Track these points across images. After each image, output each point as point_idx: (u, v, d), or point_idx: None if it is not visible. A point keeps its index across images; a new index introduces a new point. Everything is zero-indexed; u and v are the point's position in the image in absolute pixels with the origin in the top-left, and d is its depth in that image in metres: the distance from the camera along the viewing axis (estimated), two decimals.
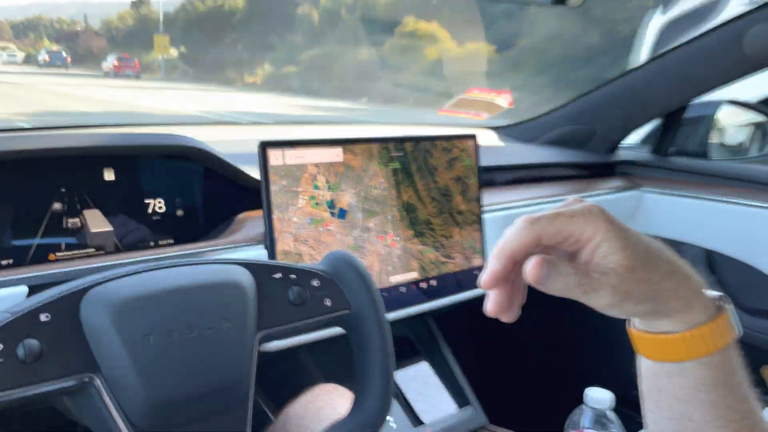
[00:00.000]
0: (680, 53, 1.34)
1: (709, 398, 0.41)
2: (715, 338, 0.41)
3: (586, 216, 0.40)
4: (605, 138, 1.53)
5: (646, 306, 0.40)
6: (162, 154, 0.84)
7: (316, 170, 0.89)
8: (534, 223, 0.40)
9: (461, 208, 1.07)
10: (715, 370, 0.41)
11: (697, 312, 0.41)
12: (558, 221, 0.40)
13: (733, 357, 0.42)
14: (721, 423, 0.41)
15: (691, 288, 0.41)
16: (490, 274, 0.41)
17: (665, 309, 0.41)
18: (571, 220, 0.40)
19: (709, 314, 0.41)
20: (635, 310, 0.41)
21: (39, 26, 38.53)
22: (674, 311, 0.41)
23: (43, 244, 0.75)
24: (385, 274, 0.96)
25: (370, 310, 0.57)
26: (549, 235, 0.40)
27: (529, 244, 0.40)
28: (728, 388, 0.41)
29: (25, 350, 0.43)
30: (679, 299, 0.40)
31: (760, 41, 1.19)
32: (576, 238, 0.40)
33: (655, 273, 0.39)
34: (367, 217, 0.95)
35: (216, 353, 0.50)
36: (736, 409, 0.41)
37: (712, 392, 0.41)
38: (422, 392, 1.09)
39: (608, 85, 1.49)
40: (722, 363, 0.41)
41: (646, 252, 0.40)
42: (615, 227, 0.40)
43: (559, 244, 0.41)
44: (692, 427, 0.42)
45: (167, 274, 0.51)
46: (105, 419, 0.48)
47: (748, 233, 1.32)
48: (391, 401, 0.58)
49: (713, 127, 1.51)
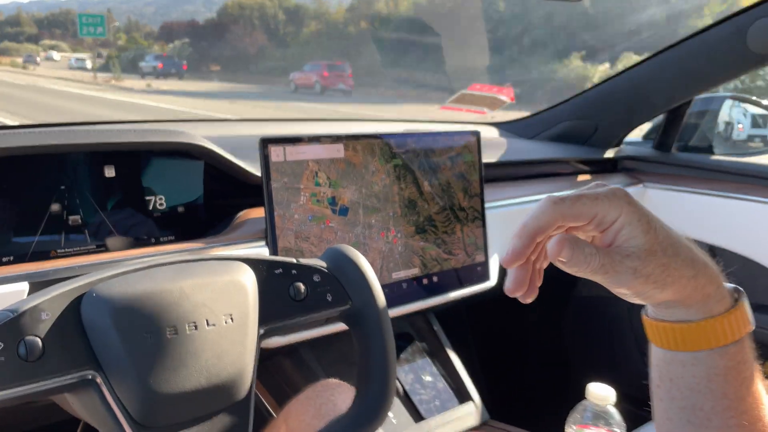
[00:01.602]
0: (683, 48, 1.33)
1: (721, 388, 0.41)
2: (732, 329, 0.41)
3: (610, 198, 0.41)
4: (608, 134, 1.52)
5: (666, 292, 0.40)
6: (163, 151, 0.84)
7: (317, 167, 0.89)
8: (557, 204, 0.41)
9: (463, 204, 1.06)
10: (729, 361, 0.41)
11: (715, 302, 0.41)
12: (581, 202, 0.41)
13: (747, 349, 0.42)
14: (731, 413, 0.41)
15: (709, 277, 0.41)
16: (512, 252, 0.42)
17: (684, 297, 0.41)
18: (595, 202, 0.40)
19: (726, 305, 0.42)
20: (655, 295, 0.41)
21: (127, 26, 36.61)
22: (692, 300, 0.41)
23: (43, 240, 0.75)
24: (387, 270, 0.96)
25: (372, 305, 0.57)
26: (572, 216, 0.41)
27: (551, 224, 0.41)
28: (740, 380, 0.41)
29: (26, 348, 0.43)
30: (698, 288, 0.41)
31: (763, 36, 1.19)
32: (599, 220, 0.40)
33: (676, 259, 0.40)
34: (369, 214, 0.94)
35: (217, 349, 0.50)
36: (746, 400, 0.42)
37: (725, 383, 0.41)
38: (424, 388, 1.09)
39: (611, 81, 1.48)
40: (737, 354, 0.41)
41: (667, 238, 0.40)
42: (638, 211, 0.40)
43: (583, 226, 0.42)
44: (702, 416, 0.42)
45: (168, 271, 0.51)
46: (106, 416, 0.48)
47: (752, 228, 1.32)
48: (393, 397, 0.58)
49: (717, 122, 1.51)
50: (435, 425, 1.04)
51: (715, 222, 1.37)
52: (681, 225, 1.55)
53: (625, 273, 0.39)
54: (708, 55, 1.29)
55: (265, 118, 2.03)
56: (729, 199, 1.34)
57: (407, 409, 1.05)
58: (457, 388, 1.12)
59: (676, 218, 1.42)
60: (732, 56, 1.26)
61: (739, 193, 1.34)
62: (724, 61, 1.28)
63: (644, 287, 0.40)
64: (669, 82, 1.38)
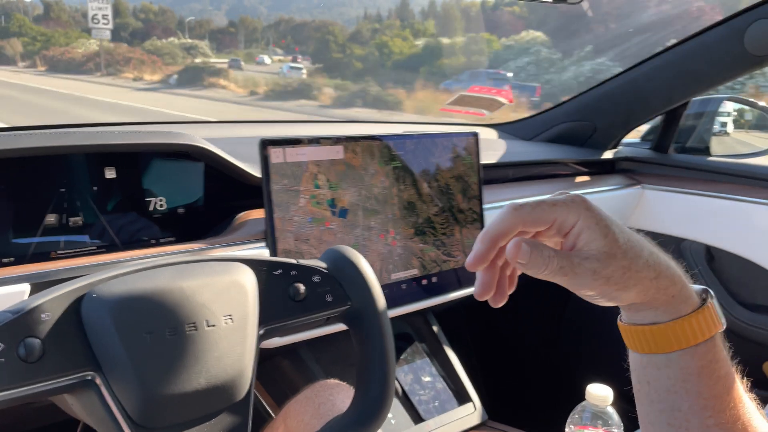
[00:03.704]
0: (681, 50, 1.33)
1: (695, 388, 0.42)
2: (700, 329, 0.42)
3: (568, 204, 0.42)
4: (606, 135, 1.52)
5: (629, 294, 0.41)
6: (163, 152, 0.85)
7: (317, 169, 0.89)
8: (517, 209, 0.43)
9: (462, 206, 1.07)
10: (700, 360, 0.42)
11: (681, 303, 0.42)
12: (540, 208, 0.43)
13: (718, 348, 0.43)
14: (709, 413, 0.42)
15: (672, 279, 0.42)
16: (473, 256, 0.43)
17: (648, 299, 0.42)
18: (554, 208, 0.42)
19: (693, 306, 0.43)
20: (619, 297, 0.42)
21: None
22: (658, 302, 0.42)
23: (43, 242, 0.75)
24: (386, 271, 0.96)
25: (371, 305, 0.57)
26: (531, 221, 0.43)
27: (512, 229, 0.43)
28: (714, 378, 0.42)
29: (27, 349, 0.43)
30: (661, 289, 0.42)
31: (761, 37, 1.19)
32: (559, 225, 0.42)
33: (637, 261, 0.41)
34: (368, 216, 0.95)
35: (217, 350, 0.50)
36: (723, 398, 0.42)
37: (698, 382, 0.42)
38: (423, 389, 1.09)
39: (609, 82, 1.49)
40: (707, 353, 0.42)
41: (627, 242, 0.41)
42: (596, 216, 0.42)
43: (545, 232, 0.43)
44: (680, 417, 0.43)
45: (168, 272, 0.51)
46: (105, 416, 0.48)
47: (749, 229, 1.32)
48: (392, 397, 0.58)
49: (714, 123, 1.51)
50: (434, 426, 1.04)
51: (712, 223, 1.37)
52: (678, 226, 1.56)
53: (585, 275, 0.41)
54: (705, 57, 1.29)
55: (265, 119, 2.03)
56: (726, 200, 1.35)
57: (406, 409, 1.05)
58: (457, 389, 1.13)
59: (674, 219, 1.43)
60: (729, 58, 1.26)
61: (736, 195, 1.34)
62: (721, 62, 1.28)
63: (605, 289, 0.41)
64: (667, 84, 1.38)
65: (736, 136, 1.66)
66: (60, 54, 25.83)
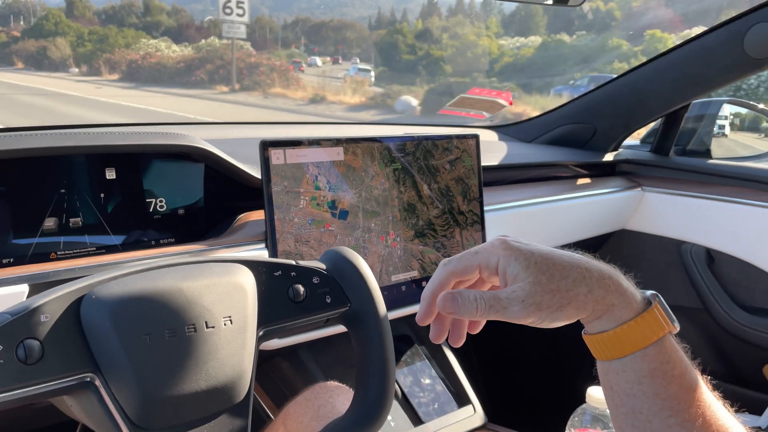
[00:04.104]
0: (681, 53, 1.34)
1: (651, 389, 0.44)
2: (645, 332, 0.44)
3: (488, 249, 0.47)
4: (606, 137, 1.53)
5: (566, 312, 0.45)
6: (163, 153, 0.84)
7: (317, 171, 0.89)
8: (446, 264, 0.48)
9: (462, 208, 1.07)
10: (651, 362, 0.44)
11: (623, 310, 0.45)
12: (465, 258, 0.48)
13: (669, 348, 0.45)
14: (668, 413, 0.44)
15: (606, 289, 0.45)
16: (419, 313, 0.50)
17: (590, 312, 0.45)
18: (476, 255, 0.48)
19: (636, 311, 0.45)
20: (557, 317, 0.45)
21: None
22: (599, 312, 0.45)
23: (43, 242, 0.75)
24: (386, 273, 0.96)
25: (371, 307, 0.57)
26: (461, 271, 0.48)
27: (445, 283, 0.48)
28: (668, 379, 0.44)
29: (25, 351, 0.43)
30: (598, 301, 0.45)
31: (760, 40, 1.19)
32: (485, 268, 0.47)
33: (565, 282, 0.44)
34: (369, 218, 0.95)
35: (216, 351, 0.50)
36: (680, 398, 0.44)
37: (653, 384, 0.44)
38: (422, 391, 1.09)
39: (609, 84, 1.49)
40: (658, 355, 0.44)
41: (551, 266, 0.45)
42: (515, 251, 0.46)
43: (482, 278, 0.49)
44: (643, 419, 0.45)
45: (168, 273, 0.51)
46: (104, 418, 0.48)
47: (749, 232, 1.32)
48: (392, 399, 0.58)
49: (714, 126, 1.51)
50: (434, 428, 1.04)
51: (712, 225, 1.37)
52: (678, 228, 1.56)
53: (514, 307, 0.44)
54: (705, 60, 1.30)
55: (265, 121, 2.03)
56: (726, 203, 1.35)
57: (406, 412, 1.05)
58: (456, 391, 1.12)
59: (674, 221, 1.43)
60: (729, 61, 1.26)
61: (737, 197, 1.34)
62: (721, 65, 1.28)
63: (540, 314, 0.44)
64: (667, 87, 1.38)
65: (736, 138, 1.66)
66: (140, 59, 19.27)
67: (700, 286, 1.37)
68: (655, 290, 0.48)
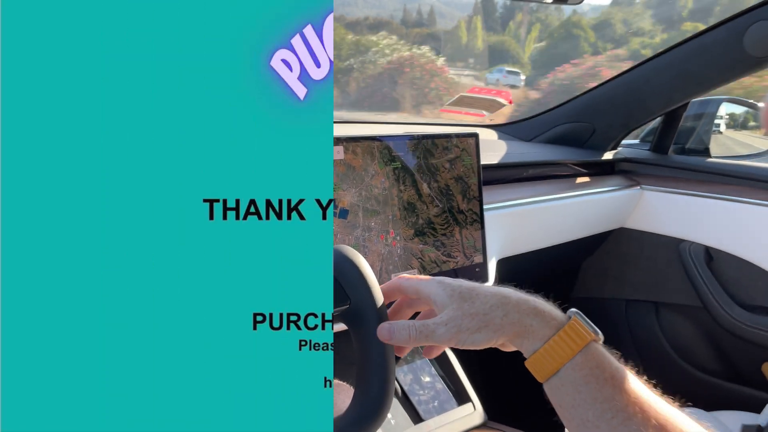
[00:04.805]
0: (680, 51, 1.34)
1: (589, 396, 0.47)
2: (569, 344, 0.48)
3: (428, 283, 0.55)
4: (605, 136, 1.53)
5: (485, 333, 0.50)
6: None
7: None
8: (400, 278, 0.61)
9: (462, 207, 1.07)
10: (582, 370, 0.47)
11: (543, 329, 0.50)
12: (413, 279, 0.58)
13: (596, 355, 0.48)
14: (610, 414, 0.46)
15: (522, 312, 0.50)
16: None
17: (511, 334, 0.50)
18: (419, 282, 0.57)
19: (557, 327, 0.50)
20: (476, 338, 0.50)
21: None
22: (521, 333, 0.50)
23: None
24: (386, 272, 0.97)
25: (371, 305, 0.57)
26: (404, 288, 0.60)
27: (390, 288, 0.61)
28: (602, 381, 0.47)
29: None
30: (515, 323, 0.50)
31: (760, 38, 1.19)
32: (420, 299, 0.56)
33: (483, 307, 0.50)
34: (369, 217, 0.95)
35: None
36: (616, 398, 0.46)
37: (588, 389, 0.47)
38: (422, 389, 1.09)
39: (608, 83, 1.49)
40: (586, 362, 0.48)
41: (473, 296, 0.51)
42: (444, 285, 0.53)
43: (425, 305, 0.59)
44: (591, 426, 0.47)
45: None
46: None
47: (748, 230, 1.33)
48: (392, 397, 0.58)
49: (713, 124, 1.52)
50: (434, 426, 1.05)
51: (711, 224, 1.38)
52: (677, 226, 1.56)
53: (439, 330, 0.50)
54: (705, 58, 1.30)
55: None
56: (726, 201, 1.35)
57: (406, 409, 1.05)
58: (456, 389, 1.13)
59: (673, 220, 1.43)
60: (729, 59, 1.26)
61: (736, 195, 1.34)
62: (721, 64, 1.29)
63: (461, 336, 0.50)
64: (666, 85, 1.38)
65: (735, 137, 1.66)
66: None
67: (698, 285, 1.37)
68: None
